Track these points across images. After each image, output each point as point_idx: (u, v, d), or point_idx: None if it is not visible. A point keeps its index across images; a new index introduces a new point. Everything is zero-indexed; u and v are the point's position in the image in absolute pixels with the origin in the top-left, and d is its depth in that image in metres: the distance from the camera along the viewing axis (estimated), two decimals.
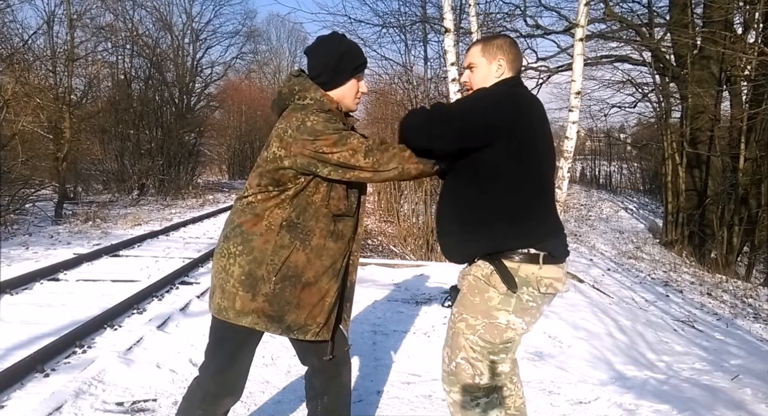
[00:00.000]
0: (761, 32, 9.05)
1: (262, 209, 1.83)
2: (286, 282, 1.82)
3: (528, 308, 1.84)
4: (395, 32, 10.89)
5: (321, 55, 1.93)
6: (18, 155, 9.11)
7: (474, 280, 1.86)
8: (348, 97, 1.95)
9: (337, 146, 1.75)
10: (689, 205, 10.88)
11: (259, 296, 1.81)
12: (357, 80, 1.96)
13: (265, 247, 1.82)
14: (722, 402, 3.16)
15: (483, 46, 1.96)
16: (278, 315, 1.83)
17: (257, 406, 2.90)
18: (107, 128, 15.10)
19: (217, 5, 25.34)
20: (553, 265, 1.86)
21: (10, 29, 11.57)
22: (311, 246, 1.84)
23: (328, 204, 1.85)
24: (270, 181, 1.82)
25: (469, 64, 1.99)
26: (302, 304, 1.85)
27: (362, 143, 1.78)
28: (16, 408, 2.82)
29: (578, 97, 6.17)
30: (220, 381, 1.94)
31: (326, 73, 1.91)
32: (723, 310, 6.39)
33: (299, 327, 1.87)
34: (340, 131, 1.78)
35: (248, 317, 1.83)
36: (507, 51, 1.93)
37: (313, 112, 1.81)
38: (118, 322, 4.29)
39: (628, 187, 20.93)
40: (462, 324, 1.85)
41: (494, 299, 1.82)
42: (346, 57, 1.92)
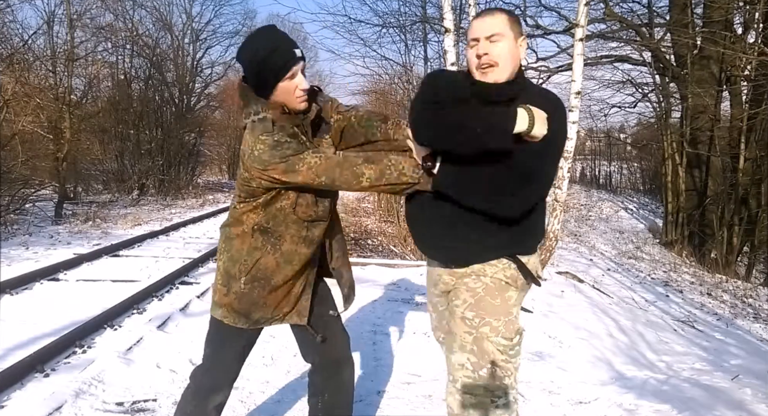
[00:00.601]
0: (761, 32, 9.05)
1: (240, 214, 1.89)
2: (255, 283, 1.90)
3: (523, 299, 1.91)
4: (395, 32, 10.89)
5: (243, 62, 1.81)
6: (18, 155, 9.11)
7: (493, 282, 1.80)
8: (287, 101, 1.80)
9: (287, 174, 1.72)
10: (689, 204, 10.88)
11: (231, 293, 1.91)
12: (290, 79, 1.77)
13: (241, 247, 1.90)
14: (722, 402, 3.16)
15: (509, 18, 1.71)
16: (245, 312, 1.92)
17: (257, 406, 2.90)
18: (107, 128, 15.09)
19: (217, 5, 25.28)
20: (535, 254, 1.90)
21: (10, 29, 11.59)
22: (281, 251, 1.89)
23: (295, 210, 1.85)
24: (246, 194, 1.86)
25: (493, 35, 1.67)
26: (269, 303, 1.93)
27: (314, 178, 1.72)
28: (16, 408, 2.83)
29: (578, 97, 6.17)
30: (211, 375, 2.02)
31: (252, 80, 1.81)
32: (723, 310, 6.40)
33: (266, 319, 1.96)
34: (287, 158, 1.70)
35: (220, 309, 1.94)
36: (525, 37, 1.78)
37: (258, 138, 1.73)
38: (118, 322, 4.29)
39: (628, 187, 20.93)
40: (486, 329, 1.77)
41: (513, 297, 1.82)
42: (265, 66, 1.75)
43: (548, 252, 6.27)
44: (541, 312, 4.93)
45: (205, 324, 2.11)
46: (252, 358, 3.47)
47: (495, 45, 1.68)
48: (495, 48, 1.68)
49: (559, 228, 6.30)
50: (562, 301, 5.44)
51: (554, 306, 5.21)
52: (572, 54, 6.52)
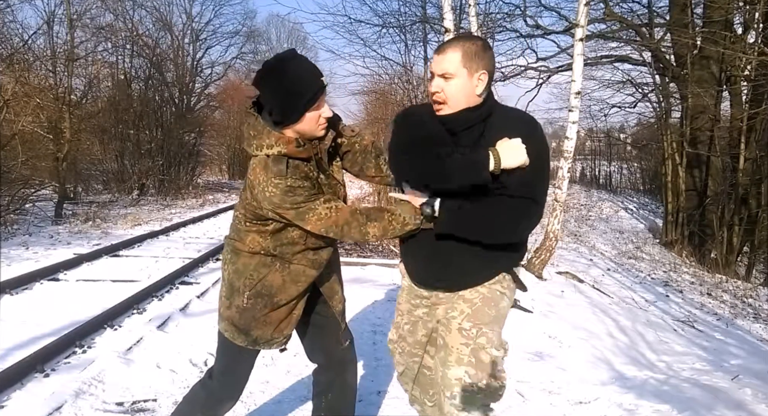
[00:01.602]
0: (761, 32, 9.05)
1: (245, 233, 1.87)
2: (258, 300, 1.87)
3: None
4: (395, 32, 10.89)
5: (269, 91, 1.73)
6: (18, 155, 9.10)
7: (490, 293, 1.83)
8: (309, 130, 1.78)
9: (296, 220, 1.76)
10: (689, 204, 10.87)
11: (233, 306, 1.89)
12: (316, 109, 1.74)
13: (249, 261, 1.88)
14: (722, 402, 3.16)
15: (464, 53, 1.68)
16: (245, 329, 1.89)
17: (257, 406, 2.90)
18: (107, 128, 15.08)
19: (217, 5, 25.35)
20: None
21: (10, 29, 11.59)
22: (290, 270, 1.88)
23: (305, 241, 1.86)
24: (253, 216, 1.85)
25: (443, 73, 1.70)
26: (269, 321, 1.90)
27: (322, 229, 1.75)
28: (16, 408, 2.83)
29: (578, 97, 6.17)
30: (225, 382, 1.99)
31: (276, 111, 1.73)
32: (723, 310, 6.39)
33: (266, 340, 1.93)
34: (299, 205, 1.71)
35: (222, 322, 1.92)
36: (488, 60, 1.71)
37: (271, 180, 1.70)
38: (118, 322, 4.29)
39: (628, 187, 20.92)
40: (483, 339, 1.77)
41: (506, 307, 1.86)
42: (294, 94, 1.69)
43: (548, 253, 6.27)
44: (541, 312, 4.93)
45: (205, 324, 2.13)
46: None
47: (447, 83, 1.71)
48: (447, 86, 1.71)
49: (559, 228, 6.30)
50: (562, 301, 5.44)
51: (554, 306, 5.21)
52: (572, 54, 6.52)
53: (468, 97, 1.72)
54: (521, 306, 4.96)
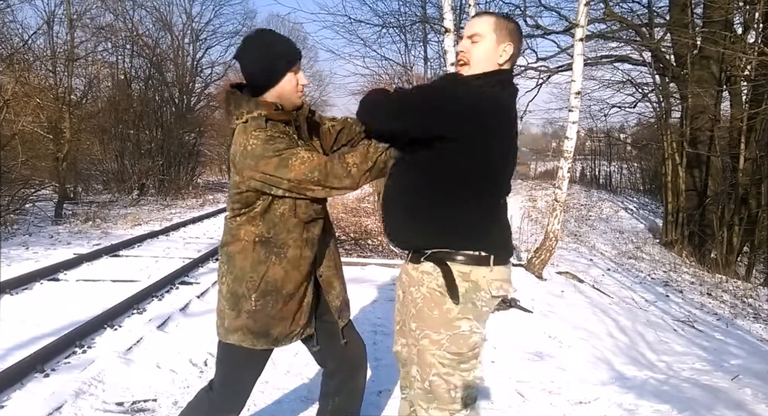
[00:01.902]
0: (761, 32, 9.05)
1: (237, 228, 1.86)
2: (268, 298, 1.84)
3: (482, 314, 1.78)
4: (395, 32, 10.93)
5: (250, 58, 1.86)
6: (18, 155, 9.11)
7: (429, 292, 1.75)
8: (288, 93, 1.88)
9: (279, 170, 1.73)
10: (689, 204, 10.87)
11: (242, 313, 1.84)
12: (294, 73, 1.87)
13: (244, 264, 1.84)
14: (722, 402, 3.16)
15: (497, 21, 1.76)
16: (264, 331, 1.85)
17: (257, 406, 2.90)
18: (107, 128, 15.09)
19: (217, 5, 25.30)
20: (503, 266, 1.78)
21: (10, 29, 11.61)
22: (287, 259, 1.85)
23: (296, 213, 1.84)
24: (239, 205, 1.84)
25: (473, 34, 1.76)
26: (285, 316, 1.87)
27: (307, 173, 1.73)
28: (16, 408, 2.83)
29: (578, 97, 6.17)
30: (226, 394, 1.95)
31: (258, 75, 1.86)
32: (723, 310, 6.39)
33: (285, 336, 1.89)
34: (281, 152, 1.73)
35: (235, 334, 1.86)
36: (517, 40, 1.77)
37: (251, 133, 1.76)
38: (118, 322, 4.29)
39: (628, 187, 20.91)
40: (425, 341, 1.75)
41: (453, 310, 1.73)
42: (275, 56, 1.84)
43: (548, 252, 6.27)
44: (541, 312, 4.93)
45: (205, 324, 2.11)
46: None
47: (474, 45, 1.77)
48: (473, 48, 1.77)
49: (559, 228, 6.30)
50: (562, 301, 5.44)
51: (554, 306, 5.21)
52: (572, 54, 6.52)
53: (490, 62, 1.77)
54: (521, 306, 4.97)
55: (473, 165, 1.68)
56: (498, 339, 4.13)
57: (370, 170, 1.81)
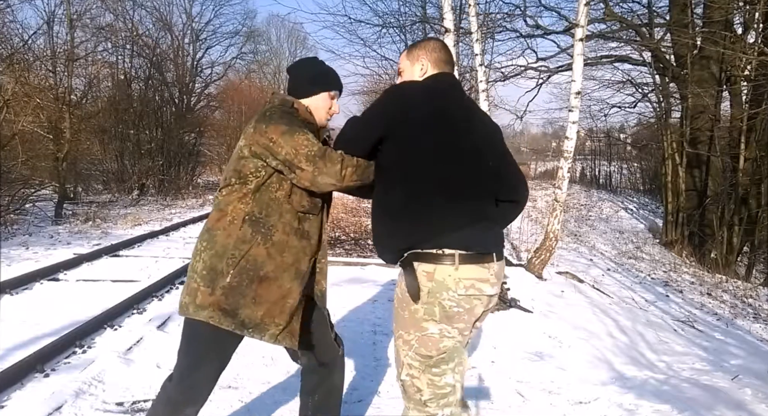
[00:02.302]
0: (761, 32, 9.05)
1: (225, 204, 1.85)
2: (243, 276, 1.81)
3: (453, 314, 1.72)
4: (395, 32, 10.93)
5: (301, 69, 2.07)
6: (18, 155, 9.11)
7: (401, 293, 1.78)
8: (320, 109, 2.02)
9: (284, 137, 1.78)
10: (689, 204, 10.87)
11: (217, 289, 1.80)
12: (330, 97, 2.04)
13: (227, 241, 1.82)
14: (722, 402, 3.16)
15: (407, 52, 2.02)
16: (232, 309, 1.80)
17: (257, 406, 2.90)
18: (107, 128, 15.09)
19: (217, 5, 25.36)
20: (474, 265, 1.72)
21: (10, 29, 11.59)
22: (273, 242, 1.83)
23: (290, 200, 1.86)
24: (233, 173, 1.86)
25: (399, 72, 2.04)
26: (259, 300, 1.81)
27: (308, 146, 1.77)
28: (16, 408, 2.82)
29: (578, 97, 6.17)
30: (183, 386, 1.87)
31: (302, 83, 2.02)
32: (723, 310, 6.39)
33: (255, 324, 1.82)
34: (292, 125, 1.82)
35: (205, 311, 1.80)
36: (430, 50, 1.96)
37: (274, 106, 1.93)
38: (118, 322, 4.29)
39: (628, 187, 20.91)
40: (399, 341, 1.79)
41: (419, 311, 1.72)
42: (323, 74, 2.05)
43: (548, 253, 6.27)
44: (541, 312, 4.93)
45: None
46: (252, 358, 3.48)
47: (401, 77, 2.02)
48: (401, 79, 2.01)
49: (559, 228, 6.30)
50: (562, 301, 5.44)
51: (554, 306, 5.21)
52: (572, 54, 6.52)
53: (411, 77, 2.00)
54: (521, 306, 4.97)
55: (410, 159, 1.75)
56: (498, 339, 4.13)
57: (358, 167, 1.81)
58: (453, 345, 1.75)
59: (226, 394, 3.02)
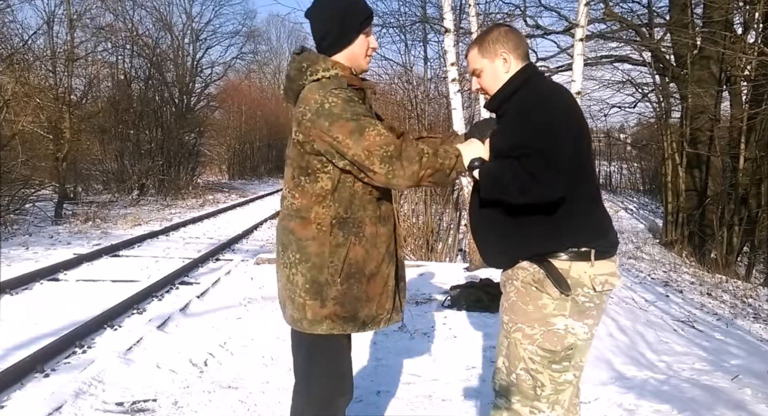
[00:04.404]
0: (761, 32, 9.05)
1: (306, 211, 1.74)
2: (352, 280, 1.75)
3: (585, 309, 1.72)
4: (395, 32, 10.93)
5: (323, 15, 1.78)
6: (18, 155, 9.12)
7: (524, 287, 1.74)
8: (359, 57, 1.81)
9: (353, 137, 1.62)
10: (689, 205, 10.87)
11: (328, 301, 1.74)
12: (365, 35, 1.80)
13: (321, 250, 1.73)
14: (722, 402, 3.16)
15: (479, 48, 1.83)
16: (351, 315, 1.77)
17: (257, 406, 2.90)
18: (107, 128, 15.10)
19: (217, 5, 25.43)
20: (605, 260, 1.73)
21: (10, 29, 11.59)
22: (366, 237, 1.76)
23: (371, 191, 1.76)
24: (299, 170, 1.74)
25: (473, 70, 1.86)
26: (371, 296, 1.79)
27: (383, 145, 1.62)
28: (16, 408, 2.83)
29: (578, 97, 6.17)
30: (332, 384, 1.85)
31: (332, 34, 1.77)
32: (723, 310, 6.39)
33: (372, 319, 1.81)
34: (359, 117, 1.64)
35: (322, 324, 1.76)
36: (504, 41, 1.79)
37: (331, 92, 1.66)
38: (118, 322, 4.29)
39: (628, 187, 20.93)
40: (518, 334, 1.74)
41: (549, 305, 1.70)
42: (351, 12, 1.76)
43: None
44: None
45: (205, 324, 2.09)
46: (252, 358, 3.48)
47: (481, 78, 1.86)
48: (481, 80, 1.86)
49: None
50: None
51: None
52: (572, 54, 6.53)
53: (496, 79, 1.83)
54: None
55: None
56: None
57: (437, 171, 1.68)
58: (576, 343, 1.73)
59: (226, 394, 3.02)
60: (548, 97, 1.71)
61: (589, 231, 1.72)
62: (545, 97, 1.71)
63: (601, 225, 1.77)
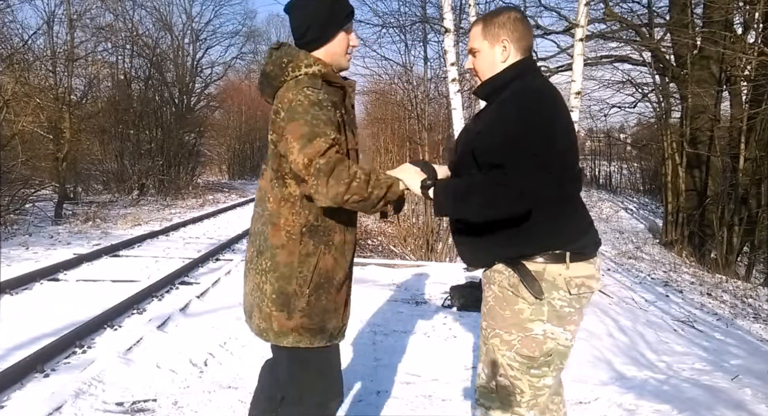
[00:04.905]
0: (761, 32, 9.04)
1: (276, 216, 1.68)
2: (321, 291, 1.70)
3: (565, 315, 1.68)
4: (395, 32, 10.91)
5: (305, 9, 1.72)
6: (18, 155, 9.12)
7: (500, 291, 1.70)
8: (339, 54, 1.76)
9: (300, 142, 1.55)
10: (689, 205, 10.87)
11: (295, 313, 1.68)
12: (347, 32, 1.76)
13: (290, 260, 1.67)
14: (722, 402, 3.16)
15: (484, 27, 1.74)
16: (319, 327, 1.71)
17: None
18: (107, 128, 15.10)
19: (217, 5, 25.48)
20: (582, 262, 1.68)
21: (10, 29, 11.60)
22: (335, 245, 1.72)
23: None
24: (272, 173, 1.69)
25: (471, 49, 1.78)
26: (338, 307, 1.75)
27: (320, 158, 1.53)
28: (16, 408, 2.83)
29: (578, 97, 6.16)
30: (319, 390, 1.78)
31: (314, 28, 1.71)
32: (723, 310, 6.39)
33: (338, 330, 1.77)
34: (318, 124, 1.57)
35: (288, 337, 1.70)
36: (511, 29, 1.71)
37: (302, 90, 1.61)
38: (118, 322, 4.29)
39: (628, 187, 20.91)
40: (496, 340, 1.71)
41: (525, 311, 1.66)
42: (334, 6, 1.72)
43: None
44: None
45: (205, 324, 2.08)
46: (252, 358, 3.48)
47: (476, 58, 1.78)
48: (476, 61, 1.79)
49: None
50: None
51: None
52: (572, 54, 6.52)
53: (492, 66, 1.76)
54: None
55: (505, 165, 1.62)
56: None
57: (364, 200, 1.59)
58: (556, 348, 1.70)
59: (226, 394, 3.02)
60: (541, 92, 1.66)
61: (565, 232, 1.67)
62: (539, 94, 1.65)
63: (579, 225, 1.73)
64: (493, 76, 1.75)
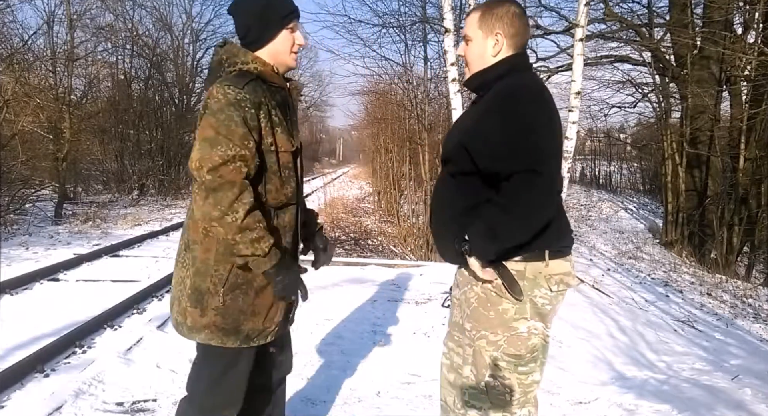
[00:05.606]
0: (761, 32, 9.04)
1: (195, 211, 1.63)
2: (237, 291, 1.66)
3: (545, 312, 1.72)
4: (395, 32, 10.91)
5: (245, 10, 1.73)
6: (18, 155, 9.11)
7: (484, 292, 1.70)
8: (283, 53, 1.75)
9: (203, 143, 1.54)
10: (689, 205, 10.87)
11: (208, 310, 1.66)
12: (290, 31, 1.75)
13: (206, 257, 1.65)
14: (722, 402, 3.16)
15: (481, 15, 1.72)
16: (233, 327, 1.68)
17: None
18: (107, 128, 15.10)
19: (217, 5, 25.30)
20: (560, 259, 1.71)
21: (10, 29, 11.59)
22: None
23: (265, 198, 1.68)
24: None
25: (465, 36, 1.76)
26: (258, 310, 1.70)
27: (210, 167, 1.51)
28: (16, 408, 2.82)
29: (578, 97, 6.17)
30: (216, 392, 1.76)
31: (254, 29, 1.72)
32: (723, 310, 6.39)
33: (258, 333, 1.73)
34: (227, 128, 1.54)
35: (200, 333, 1.68)
36: (507, 23, 1.69)
37: (223, 88, 1.58)
38: (118, 322, 4.29)
39: (628, 187, 20.90)
40: (482, 342, 1.71)
41: (510, 310, 1.68)
42: (272, 6, 1.71)
43: None
44: None
45: None
46: None
47: (468, 46, 1.77)
48: (467, 49, 1.77)
49: None
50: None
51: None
52: (572, 54, 6.52)
53: (481, 58, 1.74)
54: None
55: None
56: None
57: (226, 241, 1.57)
58: (539, 342, 1.73)
59: None
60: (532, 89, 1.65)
61: (550, 232, 1.67)
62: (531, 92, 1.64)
63: (561, 225, 1.75)
64: (483, 70, 1.74)
